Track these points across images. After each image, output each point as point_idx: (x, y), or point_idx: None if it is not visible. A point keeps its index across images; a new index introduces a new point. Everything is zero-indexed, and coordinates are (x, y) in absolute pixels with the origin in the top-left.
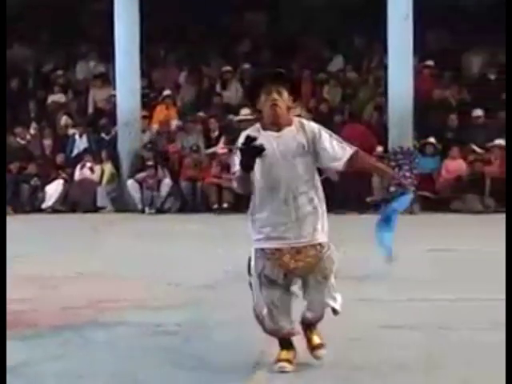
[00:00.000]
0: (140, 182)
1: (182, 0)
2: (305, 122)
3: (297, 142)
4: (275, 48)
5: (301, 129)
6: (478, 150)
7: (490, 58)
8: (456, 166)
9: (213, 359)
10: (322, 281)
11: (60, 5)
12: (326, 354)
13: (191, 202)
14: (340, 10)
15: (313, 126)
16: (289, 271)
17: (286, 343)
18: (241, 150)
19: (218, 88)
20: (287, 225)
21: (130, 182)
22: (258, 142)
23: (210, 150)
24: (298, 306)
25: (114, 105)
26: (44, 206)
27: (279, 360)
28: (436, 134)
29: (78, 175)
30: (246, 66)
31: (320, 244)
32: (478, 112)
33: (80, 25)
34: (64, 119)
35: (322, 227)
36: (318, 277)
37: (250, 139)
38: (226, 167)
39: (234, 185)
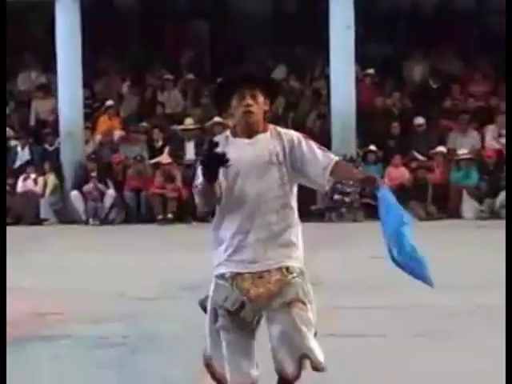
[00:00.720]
0: (83, 193)
1: (124, 9)
2: (281, 130)
3: (269, 150)
4: (219, 57)
5: (277, 136)
6: (420, 157)
7: (431, 67)
8: (399, 173)
9: (159, 371)
10: (284, 309)
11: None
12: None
13: (135, 212)
14: (283, 20)
15: (291, 133)
16: (249, 300)
17: None
18: (202, 159)
19: (161, 98)
20: (252, 246)
21: (74, 194)
22: (220, 150)
23: (154, 160)
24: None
25: (57, 116)
26: None
27: None
28: (378, 142)
29: (20, 187)
30: (190, 75)
31: (287, 268)
32: (420, 120)
33: (21, 35)
34: (6, 131)
35: (294, 250)
36: (278, 304)
37: (211, 145)
38: (170, 177)
39: (197, 200)
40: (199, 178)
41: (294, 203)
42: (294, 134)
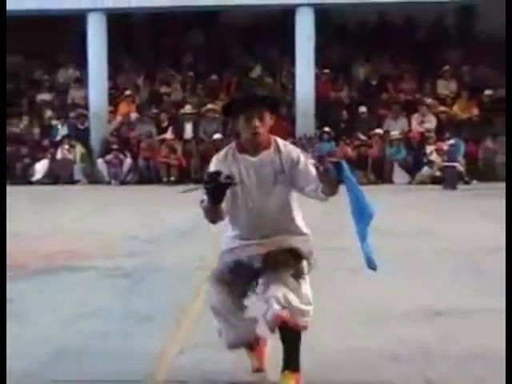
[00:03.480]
0: (107, 161)
1: (140, 21)
2: (281, 143)
3: (273, 168)
4: (211, 59)
5: (277, 152)
6: (362, 137)
7: (372, 69)
8: (346, 149)
9: (159, 296)
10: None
11: (46, 25)
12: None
13: (146, 175)
14: (260, 30)
15: (290, 149)
16: (258, 255)
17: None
18: (206, 188)
19: (166, 89)
20: (258, 241)
21: (99, 161)
22: (223, 175)
23: (161, 137)
24: None
25: (88, 102)
26: (33, 179)
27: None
28: (332, 125)
29: (59, 155)
30: (190, 73)
31: (295, 248)
32: (363, 109)
33: (62, 41)
34: (48, 113)
35: (300, 236)
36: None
37: (215, 175)
38: (173, 150)
39: (203, 213)
40: (204, 195)
41: (299, 212)
42: (294, 151)
